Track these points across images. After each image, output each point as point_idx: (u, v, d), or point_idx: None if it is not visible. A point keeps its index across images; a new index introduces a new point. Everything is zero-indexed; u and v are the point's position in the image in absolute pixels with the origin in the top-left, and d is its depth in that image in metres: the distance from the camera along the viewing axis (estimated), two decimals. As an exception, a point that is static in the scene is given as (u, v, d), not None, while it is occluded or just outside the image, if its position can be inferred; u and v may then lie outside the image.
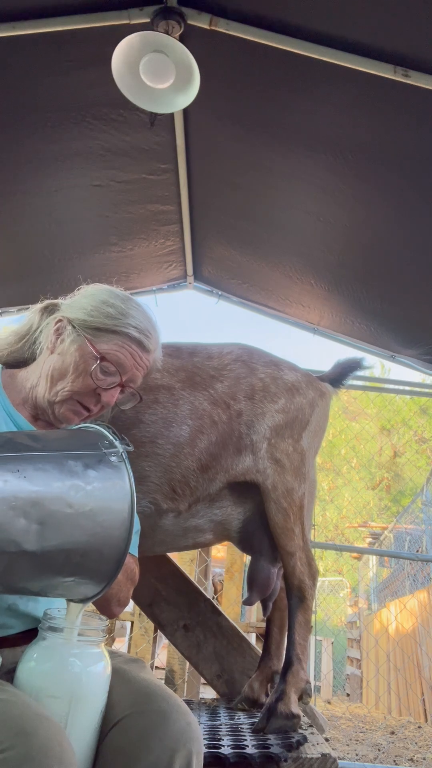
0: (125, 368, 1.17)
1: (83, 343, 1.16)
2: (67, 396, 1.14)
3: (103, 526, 0.86)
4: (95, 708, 0.89)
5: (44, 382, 1.16)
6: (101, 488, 0.87)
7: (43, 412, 1.17)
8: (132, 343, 1.18)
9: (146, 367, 1.22)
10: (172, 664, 2.80)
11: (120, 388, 1.18)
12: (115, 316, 1.18)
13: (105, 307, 1.19)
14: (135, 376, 1.20)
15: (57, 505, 0.82)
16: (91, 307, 1.19)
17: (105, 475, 0.89)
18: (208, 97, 2.15)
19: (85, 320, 1.18)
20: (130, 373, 1.18)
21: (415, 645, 6.14)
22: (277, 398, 1.78)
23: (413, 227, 2.60)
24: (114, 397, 1.17)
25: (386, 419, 12.55)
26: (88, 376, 1.14)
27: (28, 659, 0.90)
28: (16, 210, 2.90)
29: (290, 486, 1.71)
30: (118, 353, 1.16)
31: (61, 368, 1.15)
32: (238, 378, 1.77)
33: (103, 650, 0.93)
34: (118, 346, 1.17)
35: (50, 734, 0.76)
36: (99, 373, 1.15)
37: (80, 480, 0.85)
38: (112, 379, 1.16)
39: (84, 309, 1.19)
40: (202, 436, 1.66)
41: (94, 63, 2.13)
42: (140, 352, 1.20)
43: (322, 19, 1.85)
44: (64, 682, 0.87)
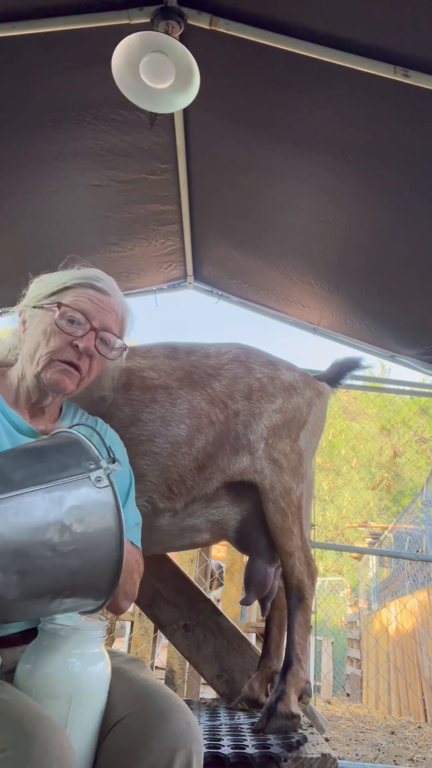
0: (89, 312, 1.18)
1: (42, 312, 1.19)
2: (47, 359, 1.15)
3: (89, 561, 0.84)
4: (95, 708, 0.89)
5: (27, 364, 1.17)
6: (86, 523, 0.84)
7: (37, 395, 1.17)
8: (86, 288, 1.21)
9: (113, 310, 1.22)
10: (172, 664, 2.80)
11: (94, 333, 1.17)
12: (60, 278, 1.23)
13: (48, 278, 1.25)
14: (105, 320, 1.20)
15: (38, 551, 0.79)
16: (38, 286, 1.25)
17: (89, 507, 0.85)
18: (208, 97, 2.15)
19: (36, 296, 1.22)
20: (98, 317, 1.19)
21: (415, 645, 6.14)
22: (274, 398, 1.78)
23: (413, 227, 2.60)
24: (91, 342, 1.16)
25: (386, 419, 12.55)
26: (58, 332, 1.15)
27: (28, 659, 0.90)
28: (16, 210, 2.90)
29: (288, 486, 1.71)
30: (76, 300, 1.18)
31: (35, 342, 1.17)
32: (235, 378, 1.77)
33: (103, 650, 0.93)
34: (73, 297, 1.19)
35: (50, 734, 0.76)
36: (66, 325, 1.16)
37: (63, 518, 0.82)
38: (82, 327, 1.16)
39: (33, 292, 1.24)
40: (199, 436, 1.66)
41: (94, 63, 2.13)
42: (98, 294, 1.21)
43: (322, 19, 1.85)
44: (64, 682, 0.87)
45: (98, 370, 1.23)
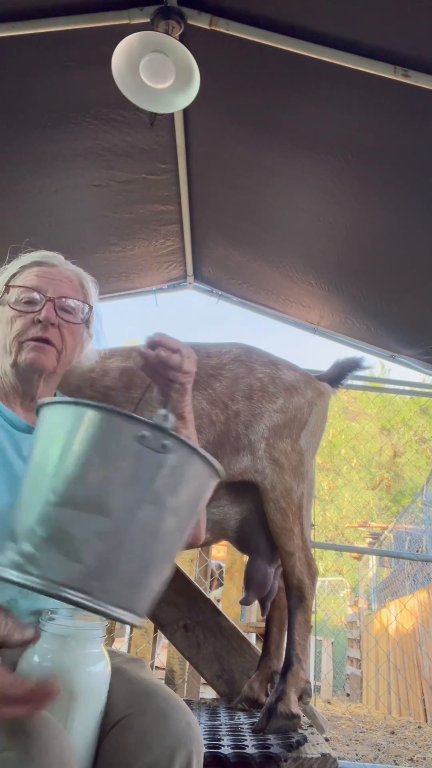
0: (40, 286, 1.18)
1: (1, 306, 1.19)
2: (16, 344, 1.14)
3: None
4: (95, 708, 0.89)
5: (3, 359, 1.17)
6: (188, 495, 0.82)
7: (21, 384, 1.16)
8: (31, 267, 1.22)
9: (65, 278, 1.22)
10: (172, 664, 2.80)
11: (51, 303, 1.16)
12: (6, 273, 1.23)
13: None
14: (59, 288, 1.19)
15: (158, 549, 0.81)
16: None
17: (182, 481, 0.81)
18: (208, 97, 2.15)
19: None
20: (50, 287, 1.18)
21: (415, 645, 6.14)
22: (275, 398, 1.78)
23: (413, 227, 2.60)
24: (51, 312, 1.15)
25: (386, 419, 12.55)
26: (18, 316, 1.15)
27: (28, 659, 0.90)
28: (16, 210, 2.90)
29: (289, 486, 1.71)
30: (25, 280, 1.19)
31: (2, 335, 1.17)
32: (236, 378, 1.77)
33: (103, 650, 0.93)
34: (22, 279, 1.20)
35: (50, 734, 0.76)
36: (24, 306, 1.16)
37: (172, 509, 0.80)
38: (39, 303, 1.16)
39: None
40: (200, 436, 1.67)
41: (94, 63, 2.13)
42: (44, 268, 1.22)
43: (322, 19, 1.85)
44: (64, 681, 0.87)
45: (74, 340, 1.21)
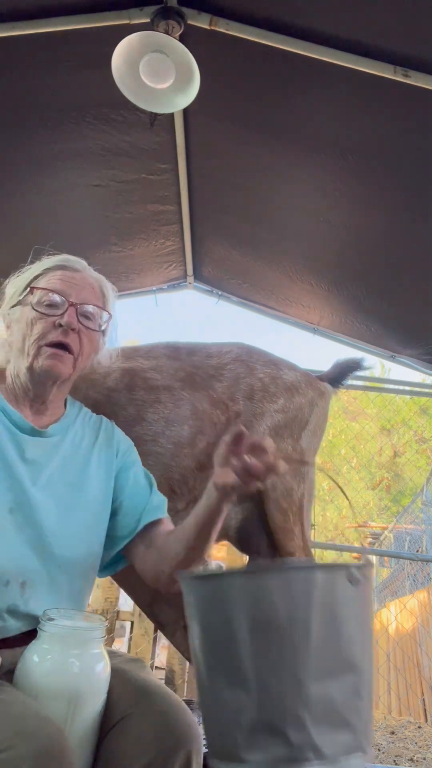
0: (64, 291, 1.17)
1: (21, 307, 1.19)
2: (36, 348, 1.13)
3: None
4: (95, 708, 0.89)
5: (18, 359, 1.16)
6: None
7: (34, 388, 1.16)
8: (54, 270, 1.21)
9: (87, 284, 1.22)
10: (172, 664, 2.80)
11: (74, 308, 1.16)
12: (29, 273, 1.24)
13: (19, 275, 1.25)
14: (82, 294, 1.19)
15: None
16: (11, 287, 1.24)
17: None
18: (208, 97, 2.15)
19: (12, 295, 1.22)
20: (74, 292, 1.18)
21: (415, 645, 6.14)
22: (276, 398, 1.78)
23: (413, 227, 2.60)
24: (73, 317, 1.15)
25: (386, 419, 12.53)
26: (39, 318, 1.15)
27: (28, 659, 0.90)
28: (16, 210, 2.90)
29: (290, 486, 1.71)
30: (49, 282, 1.19)
31: (21, 336, 1.16)
32: (237, 378, 1.77)
33: (103, 651, 0.93)
34: (46, 281, 1.20)
35: (50, 734, 0.76)
36: (46, 309, 1.15)
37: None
38: (61, 306, 1.16)
39: (8, 294, 1.24)
40: (201, 437, 1.67)
41: (94, 63, 2.13)
42: (68, 273, 1.21)
43: (322, 19, 1.85)
44: (64, 682, 0.87)
45: (91, 346, 1.21)
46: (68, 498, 1.13)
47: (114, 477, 1.22)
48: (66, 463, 1.16)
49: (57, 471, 1.14)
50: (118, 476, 1.22)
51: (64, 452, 1.17)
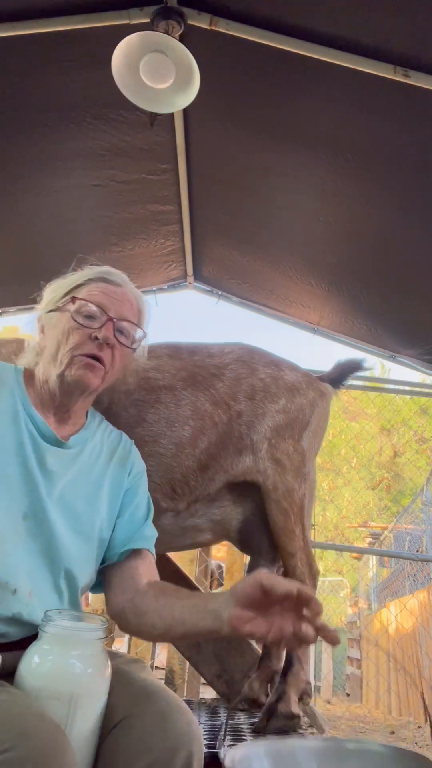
0: (104, 304, 1.17)
1: (59, 313, 1.19)
2: (69, 357, 1.13)
3: None
4: (95, 709, 0.89)
5: (49, 366, 1.16)
6: None
7: (61, 396, 1.15)
8: (97, 282, 1.21)
9: (127, 300, 1.22)
10: (172, 664, 2.80)
11: (111, 323, 1.16)
12: (71, 279, 1.23)
13: (59, 280, 1.25)
14: (121, 310, 1.19)
15: None
16: (51, 290, 1.24)
17: None
18: (208, 97, 2.15)
19: (51, 299, 1.22)
20: (113, 307, 1.18)
21: (415, 645, 6.14)
22: (277, 398, 1.78)
23: (413, 227, 2.60)
24: (110, 331, 1.15)
25: (386, 419, 12.53)
26: (76, 328, 1.14)
27: (29, 660, 0.89)
28: (16, 210, 2.90)
29: (291, 486, 1.71)
30: (90, 294, 1.18)
31: (55, 343, 1.16)
32: (238, 378, 1.77)
33: (104, 651, 0.93)
34: (86, 292, 1.19)
35: (51, 735, 0.76)
36: (84, 320, 1.15)
37: None
38: (99, 319, 1.16)
39: (47, 297, 1.24)
40: (203, 437, 1.66)
41: (94, 63, 2.13)
42: (110, 287, 1.21)
43: (322, 19, 1.85)
44: (65, 683, 0.87)
45: (121, 362, 1.21)
46: (78, 512, 1.13)
47: (120, 496, 1.22)
48: (81, 476, 1.16)
49: (71, 483, 1.14)
50: (123, 497, 1.22)
51: (81, 465, 1.17)
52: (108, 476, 1.20)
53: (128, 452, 1.27)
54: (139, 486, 1.25)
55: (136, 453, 1.29)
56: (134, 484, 1.24)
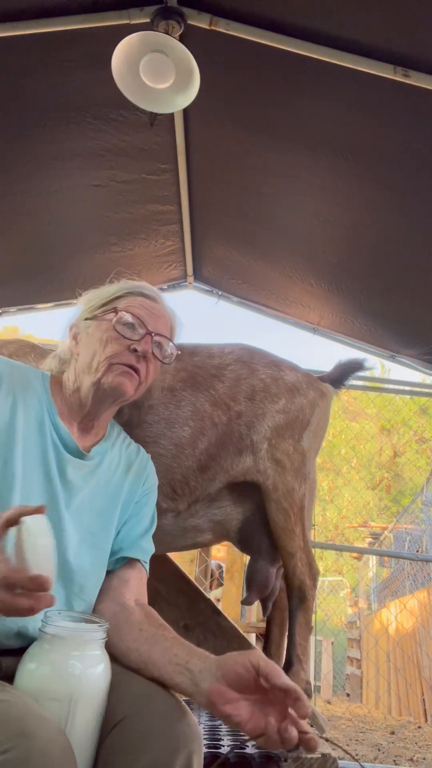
0: (143, 317, 1.19)
1: (96, 321, 1.20)
2: (106, 364, 1.14)
3: None
4: (95, 710, 0.89)
5: (83, 374, 1.16)
6: None
7: (92, 405, 1.15)
8: (136, 296, 1.23)
9: (163, 315, 1.24)
10: (172, 665, 2.79)
11: (150, 337, 1.18)
12: (109, 290, 1.25)
13: (98, 291, 1.26)
14: (157, 324, 1.21)
15: None
16: (87, 300, 1.25)
17: None
18: (208, 97, 2.15)
19: (88, 308, 1.23)
20: (151, 321, 1.20)
21: (415, 645, 6.15)
22: (277, 399, 1.78)
23: (413, 227, 2.60)
24: (149, 345, 1.17)
25: (386, 419, 12.55)
26: (116, 338, 1.16)
27: (28, 661, 0.89)
28: (16, 210, 2.90)
29: (291, 486, 1.71)
30: (129, 306, 1.20)
31: (91, 351, 1.17)
32: (238, 378, 1.77)
33: (104, 652, 0.93)
34: (126, 304, 1.21)
35: (51, 736, 0.76)
36: (124, 329, 1.16)
37: None
38: (139, 332, 1.18)
39: (83, 306, 1.25)
40: (202, 438, 1.66)
41: (94, 63, 2.13)
42: (148, 301, 1.23)
43: (322, 19, 1.85)
44: (64, 684, 0.86)
45: (153, 376, 1.23)
46: (94, 525, 1.13)
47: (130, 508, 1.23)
48: (99, 489, 1.16)
49: (88, 496, 1.14)
50: (131, 507, 1.23)
51: (99, 477, 1.17)
52: (124, 489, 1.21)
53: (144, 467, 1.28)
54: (148, 499, 1.26)
55: (151, 468, 1.31)
56: (144, 497, 1.25)
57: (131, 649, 1.01)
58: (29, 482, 1.06)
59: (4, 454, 1.05)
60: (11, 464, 1.05)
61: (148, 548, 1.21)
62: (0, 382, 1.11)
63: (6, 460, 1.05)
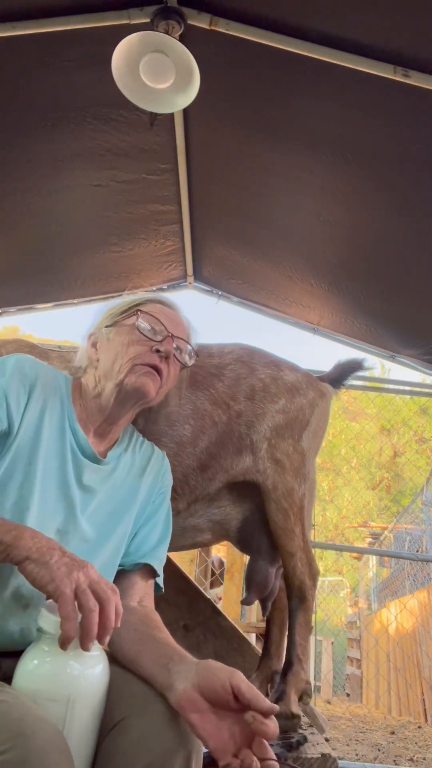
0: (164, 321, 1.22)
1: (118, 327, 1.22)
2: (129, 365, 1.16)
3: None
4: (94, 710, 0.88)
5: (105, 379, 1.17)
6: None
7: (113, 408, 1.16)
8: (155, 303, 1.26)
9: (181, 322, 1.26)
10: (172, 664, 2.79)
11: (171, 339, 1.20)
12: (129, 299, 1.27)
13: (117, 301, 1.29)
14: (178, 329, 1.24)
15: None
16: (107, 309, 1.28)
17: None
18: (208, 97, 2.15)
19: (108, 316, 1.25)
20: (172, 325, 1.23)
21: (415, 645, 6.15)
22: (277, 398, 1.78)
23: (413, 227, 2.60)
24: (171, 345, 1.19)
25: (386, 419, 12.55)
26: (138, 341, 1.18)
27: (26, 662, 0.89)
28: (16, 210, 2.90)
29: (290, 486, 1.71)
30: (150, 311, 1.23)
31: (113, 355, 1.18)
32: (238, 378, 1.77)
33: (102, 652, 0.93)
34: (146, 310, 1.23)
35: (49, 737, 0.76)
36: (146, 331, 1.19)
37: None
38: (161, 334, 1.20)
39: (103, 315, 1.27)
40: (203, 436, 1.67)
41: (94, 63, 2.13)
42: (167, 308, 1.26)
43: (322, 19, 1.85)
44: (63, 684, 0.86)
45: (174, 379, 1.25)
46: (107, 530, 1.14)
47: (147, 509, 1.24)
48: (113, 492, 1.18)
49: (104, 500, 1.16)
50: (147, 507, 1.24)
51: (114, 481, 1.19)
52: (141, 491, 1.22)
53: (161, 466, 1.30)
54: (162, 502, 1.27)
55: (167, 466, 1.32)
56: (157, 500, 1.26)
57: (125, 649, 1.02)
58: (47, 484, 1.08)
59: (29, 454, 1.08)
60: (35, 464, 1.07)
61: (162, 559, 1.23)
62: (35, 384, 1.14)
63: (31, 460, 1.07)
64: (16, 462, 1.06)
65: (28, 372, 1.14)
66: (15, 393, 1.09)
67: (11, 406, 1.08)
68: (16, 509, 1.03)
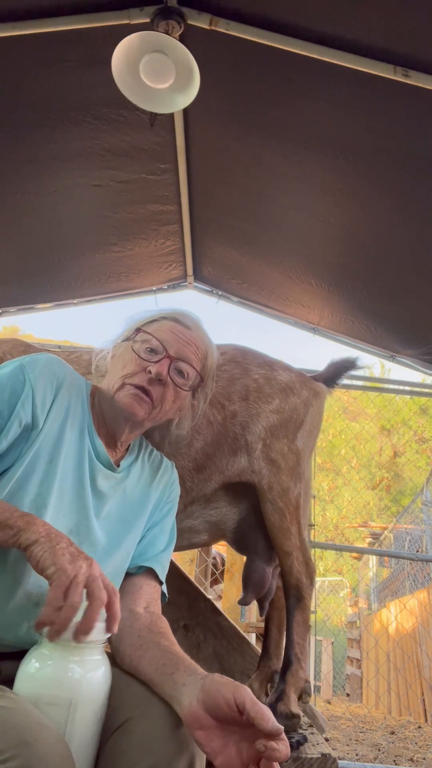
0: (167, 341, 1.19)
1: (126, 343, 1.22)
2: (120, 382, 1.16)
3: None
4: (95, 714, 0.88)
5: (104, 394, 1.19)
6: None
7: (112, 422, 1.18)
8: (168, 321, 1.24)
9: (193, 343, 1.23)
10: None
11: (168, 360, 1.17)
12: (145, 314, 1.27)
13: (137, 315, 1.28)
14: (183, 351, 1.20)
15: None
16: (127, 323, 1.28)
17: None
18: (208, 97, 2.15)
19: (126, 330, 1.25)
20: (176, 346, 1.20)
21: (415, 645, 6.14)
22: (271, 399, 1.78)
23: (413, 227, 2.60)
24: (164, 368, 1.15)
25: (386, 419, 12.55)
26: (135, 359, 1.17)
27: (28, 665, 0.88)
28: (16, 210, 2.90)
29: (286, 486, 1.71)
30: (157, 330, 1.21)
31: (112, 372, 1.20)
32: (232, 378, 1.77)
33: (104, 655, 0.92)
34: (155, 327, 1.22)
35: (50, 743, 0.75)
36: (143, 352, 1.17)
37: None
38: (158, 355, 1.18)
39: (127, 326, 1.27)
40: (198, 437, 1.67)
41: (94, 63, 2.13)
42: (179, 327, 1.23)
43: (322, 19, 1.85)
44: (64, 688, 0.85)
45: (174, 403, 1.21)
46: (118, 535, 1.15)
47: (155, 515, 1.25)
48: (125, 499, 1.19)
49: (115, 506, 1.16)
50: (154, 513, 1.25)
51: (126, 489, 1.20)
52: (149, 500, 1.23)
53: (170, 476, 1.30)
54: (168, 511, 1.27)
55: (176, 478, 1.32)
56: (165, 509, 1.26)
57: (126, 654, 1.02)
58: (64, 484, 1.09)
59: (51, 452, 1.09)
60: (55, 463, 1.08)
61: (166, 565, 1.23)
62: (62, 384, 1.15)
63: (52, 458, 1.08)
64: (38, 459, 1.07)
65: (57, 372, 1.15)
66: (42, 390, 1.10)
67: (36, 402, 1.09)
68: (34, 505, 1.04)
